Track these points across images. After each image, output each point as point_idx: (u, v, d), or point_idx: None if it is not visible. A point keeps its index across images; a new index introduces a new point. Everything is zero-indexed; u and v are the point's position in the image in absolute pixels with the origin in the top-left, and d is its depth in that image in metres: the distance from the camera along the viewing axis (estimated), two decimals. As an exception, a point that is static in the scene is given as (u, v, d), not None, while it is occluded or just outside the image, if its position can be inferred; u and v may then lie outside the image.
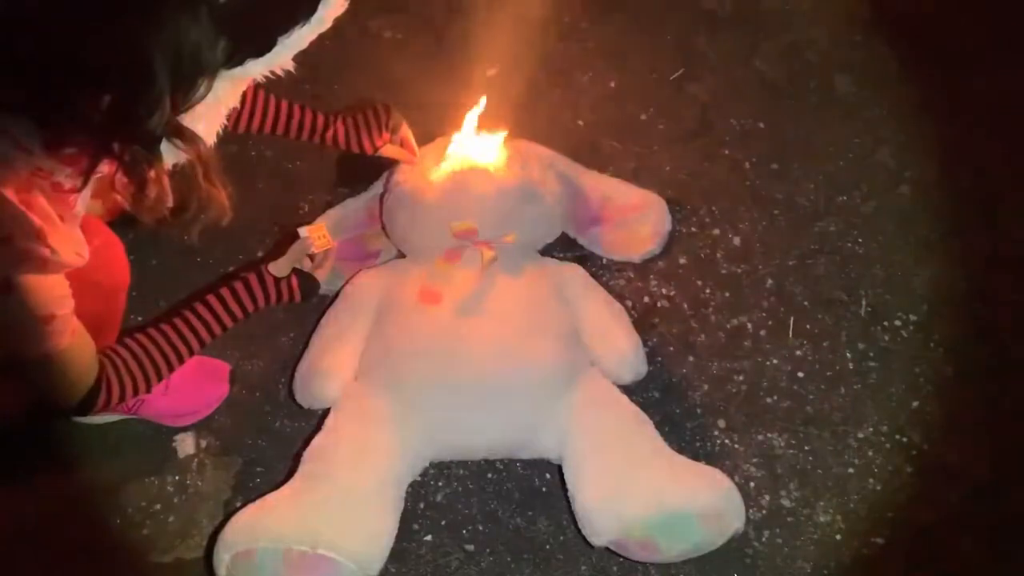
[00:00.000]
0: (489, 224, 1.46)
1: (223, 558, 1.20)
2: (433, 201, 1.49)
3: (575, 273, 1.53)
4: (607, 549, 1.33)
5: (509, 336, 1.35)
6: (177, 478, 1.49)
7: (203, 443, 1.53)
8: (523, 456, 1.42)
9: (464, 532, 1.44)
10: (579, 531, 1.34)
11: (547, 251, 1.66)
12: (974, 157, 1.89)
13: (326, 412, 1.44)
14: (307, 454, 1.31)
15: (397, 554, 1.36)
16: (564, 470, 1.35)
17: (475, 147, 1.54)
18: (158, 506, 1.47)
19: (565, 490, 1.37)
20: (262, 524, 1.21)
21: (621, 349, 1.46)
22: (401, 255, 1.61)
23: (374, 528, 1.24)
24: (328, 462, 1.28)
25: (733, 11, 2.13)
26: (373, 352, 1.40)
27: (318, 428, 1.42)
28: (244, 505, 1.33)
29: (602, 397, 1.39)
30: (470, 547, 1.43)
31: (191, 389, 1.52)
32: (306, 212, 1.77)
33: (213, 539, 1.38)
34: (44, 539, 1.43)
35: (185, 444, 1.53)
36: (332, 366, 1.41)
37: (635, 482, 1.29)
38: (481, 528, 1.44)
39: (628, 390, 1.48)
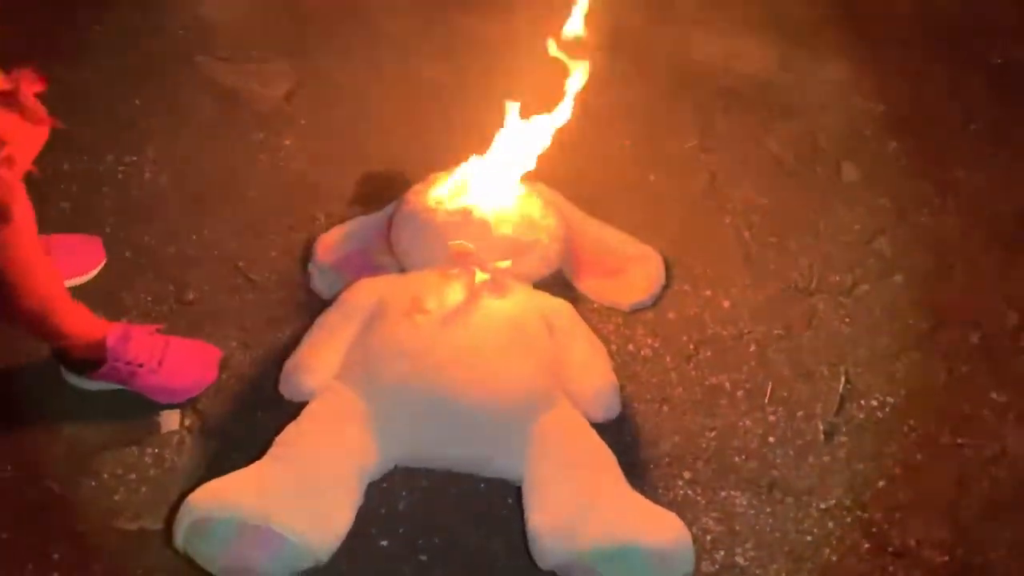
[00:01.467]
0: (486, 251, 1.51)
1: (183, 523, 1.23)
2: (438, 221, 1.55)
3: (563, 307, 1.56)
4: (553, 573, 1.33)
5: (486, 354, 1.38)
6: (156, 451, 1.52)
7: (187, 421, 1.56)
8: (485, 474, 1.44)
9: (420, 542, 1.44)
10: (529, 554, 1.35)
11: (540, 288, 1.70)
12: (967, 253, 1.92)
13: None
14: (278, 439, 1.34)
15: (351, 552, 1.36)
16: (523, 490, 1.37)
17: (491, 183, 1.61)
18: (133, 476, 1.50)
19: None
20: (221, 496, 1.23)
21: (598, 385, 1.49)
22: (402, 272, 1.67)
23: (328, 515, 1.25)
24: (294, 447, 1.31)
25: (752, 92, 2.22)
26: (355, 354, 1.44)
27: (295, 420, 1.46)
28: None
29: (571, 427, 1.41)
30: (424, 557, 1.43)
31: (182, 369, 1.56)
32: (321, 223, 1.84)
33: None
34: (16, 490, 1.47)
35: (169, 420, 1.56)
36: (314, 362, 1.45)
37: (589, 511, 1.29)
38: (437, 541, 1.45)
39: (598, 430, 1.49)
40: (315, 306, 1.66)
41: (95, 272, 1.73)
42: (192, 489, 1.45)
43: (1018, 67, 2.34)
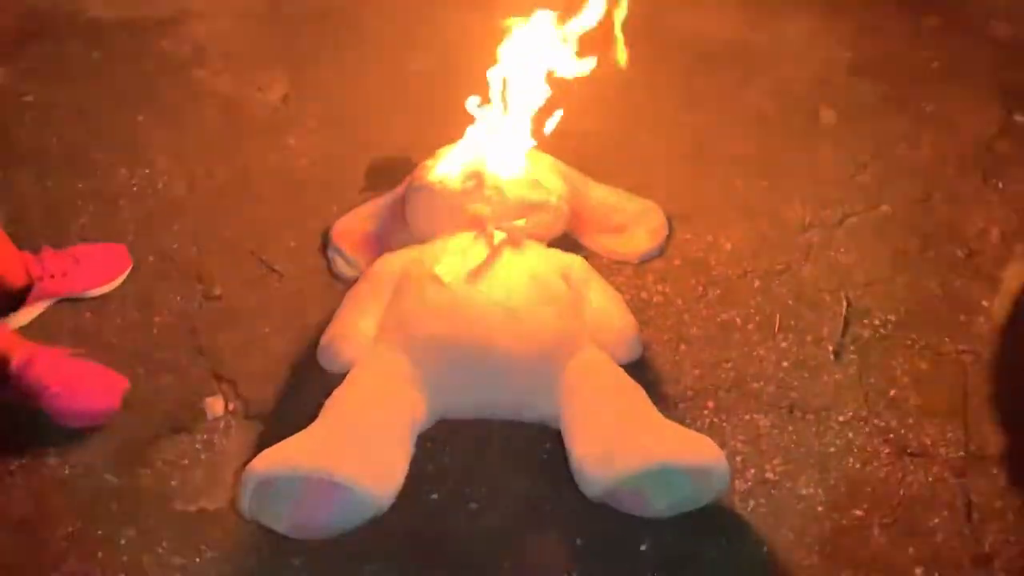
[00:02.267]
0: (500, 213, 1.58)
1: (248, 488, 1.28)
2: (451, 191, 1.62)
3: (577, 260, 1.64)
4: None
5: (513, 304, 1.45)
6: (205, 437, 1.58)
7: (231, 407, 1.62)
8: (524, 419, 1.51)
9: (468, 491, 1.49)
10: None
11: (552, 247, 1.78)
12: (945, 181, 2.02)
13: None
14: (328, 402, 1.40)
15: (403, 508, 1.42)
16: (562, 429, 1.43)
17: (496, 149, 1.68)
18: (186, 461, 1.55)
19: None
20: (282, 457, 1.29)
21: (619, 326, 1.56)
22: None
23: (385, 465, 1.31)
24: (345, 406, 1.37)
25: (725, 54, 2.31)
26: (390, 319, 1.50)
27: (338, 389, 1.51)
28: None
29: (599, 366, 1.48)
30: (473, 506, 1.49)
31: (86, 395, 1.54)
32: (334, 211, 1.90)
33: (232, 504, 1.48)
34: (76, 486, 1.51)
35: (215, 407, 1.62)
36: (350, 331, 1.52)
37: (628, 437, 1.36)
38: (485, 490, 1.50)
39: (624, 370, 1.58)
40: (339, 289, 1.73)
41: (122, 278, 1.79)
42: (244, 468, 1.52)
43: (970, 5, 2.46)
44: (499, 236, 1.54)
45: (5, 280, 1.63)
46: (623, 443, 1.36)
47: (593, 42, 1.72)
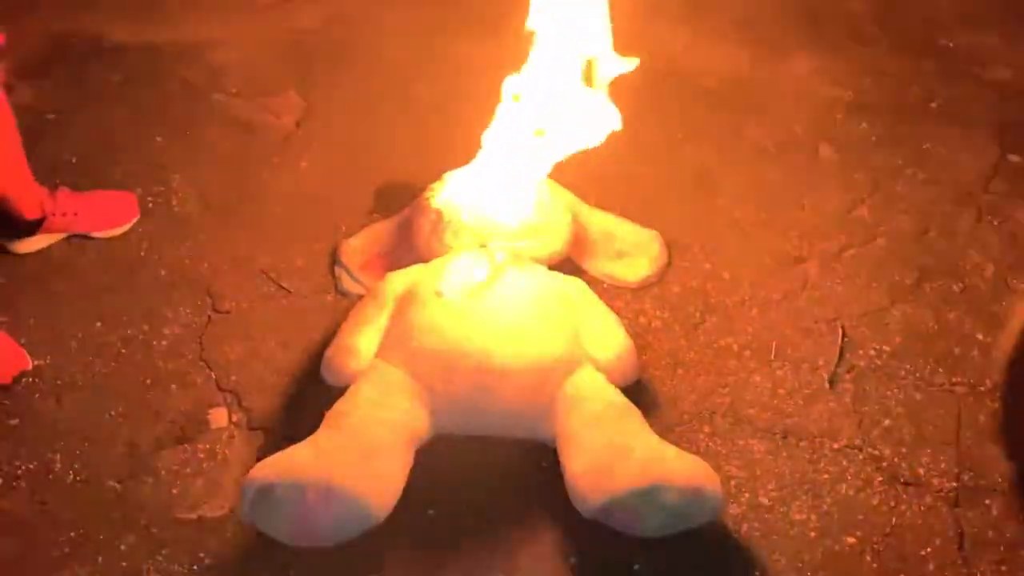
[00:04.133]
0: (504, 234, 1.62)
1: (248, 494, 1.30)
2: (457, 213, 1.66)
3: (577, 283, 1.66)
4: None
5: (513, 321, 1.48)
6: (208, 447, 1.60)
7: (235, 418, 1.64)
8: (521, 436, 1.52)
9: (465, 509, 1.51)
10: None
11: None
12: (941, 217, 2.05)
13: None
14: (329, 414, 1.42)
15: (400, 524, 1.44)
16: (557, 447, 1.45)
17: (503, 174, 1.73)
18: (188, 470, 1.57)
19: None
20: (283, 464, 1.31)
21: (617, 348, 1.58)
22: (424, 266, 1.77)
23: (384, 475, 1.33)
24: (346, 417, 1.39)
25: (729, 91, 2.36)
26: (392, 335, 1.53)
27: (340, 403, 1.54)
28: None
29: (596, 386, 1.50)
30: (469, 522, 1.50)
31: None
32: (343, 231, 1.94)
33: (232, 512, 1.50)
34: (80, 493, 1.53)
35: (218, 418, 1.64)
36: (354, 345, 1.54)
37: (622, 456, 1.38)
38: (481, 507, 1.51)
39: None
40: (345, 306, 1.76)
41: (129, 225, 1.95)
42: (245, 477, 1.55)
43: (967, 50, 2.52)
44: (501, 256, 1.57)
45: (20, 210, 1.82)
46: (618, 462, 1.37)
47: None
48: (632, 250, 1.87)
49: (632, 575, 1.45)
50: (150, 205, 2.01)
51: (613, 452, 1.39)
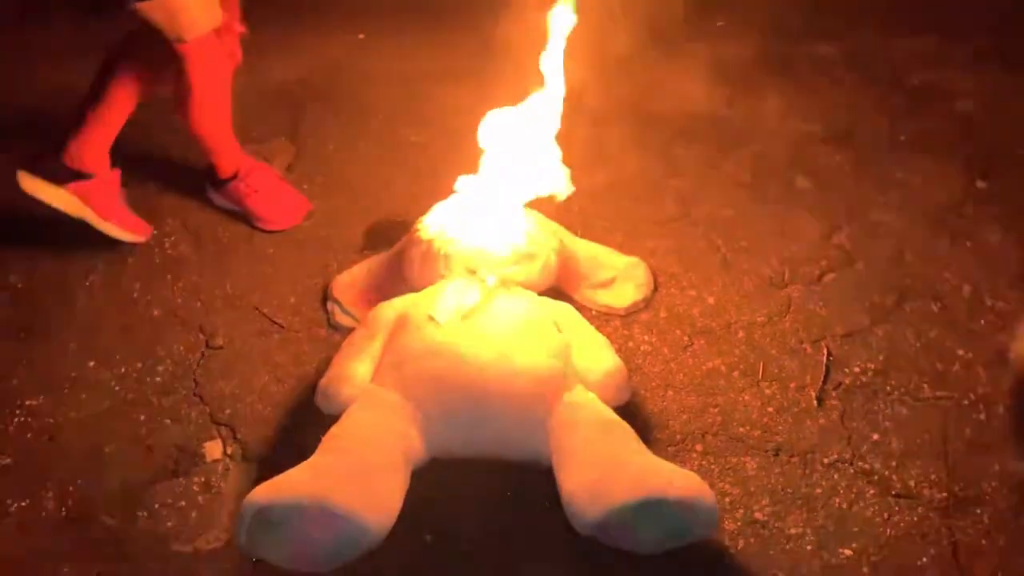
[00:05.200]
0: (493, 262, 1.66)
1: (245, 518, 1.29)
2: (447, 243, 1.70)
3: (567, 307, 1.69)
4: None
5: (505, 342, 1.50)
6: (203, 480, 1.60)
7: (229, 450, 1.64)
8: (516, 457, 1.53)
9: (462, 533, 1.51)
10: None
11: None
12: (916, 241, 2.11)
13: (342, 418, 1.57)
14: (324, 438, 1.43)
15: (398, 549, 1.43)
16: (553, 465, 1.46)
17: (492, 204, 1.78)
18: (183, 503, 1.56)
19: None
20: (279, 487, 1.30)
21: (607, 370, 1.60)
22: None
23: (381, 496, 1.33)
24: (342, 439, 1.40)
25: (706, 128, 2.45)
26: (386, 360, 1.55)
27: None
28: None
29: (588, 405, 1.52)
30: (466, 548, 1.50)
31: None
32: (334, 268, 1.97)
33: (227, 545, 1.49)
34: (74, 527, 1.52)
35: (213, 451, 1.64)
36: (349, 372, 1.56)
37: (616, 471, 1.39)
38: (477, 532, 1.52)
39: (613, 414, 1.62)
40: (338, 340, 1.78)
41: (291, 226, 2.12)
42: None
43: (931, 87, 2.62)
44: (492, 280, 1.61)
45: (218, 165, 2.09)
46: (612, 477, 1.39)
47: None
48: (619, 277, 1.92)
49: (631, 593, 1.46)
50: (143, 248, 2.04)
51: (608, 467, 1.41)
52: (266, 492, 1.31)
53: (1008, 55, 2.74)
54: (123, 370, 1.77)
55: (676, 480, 1.40)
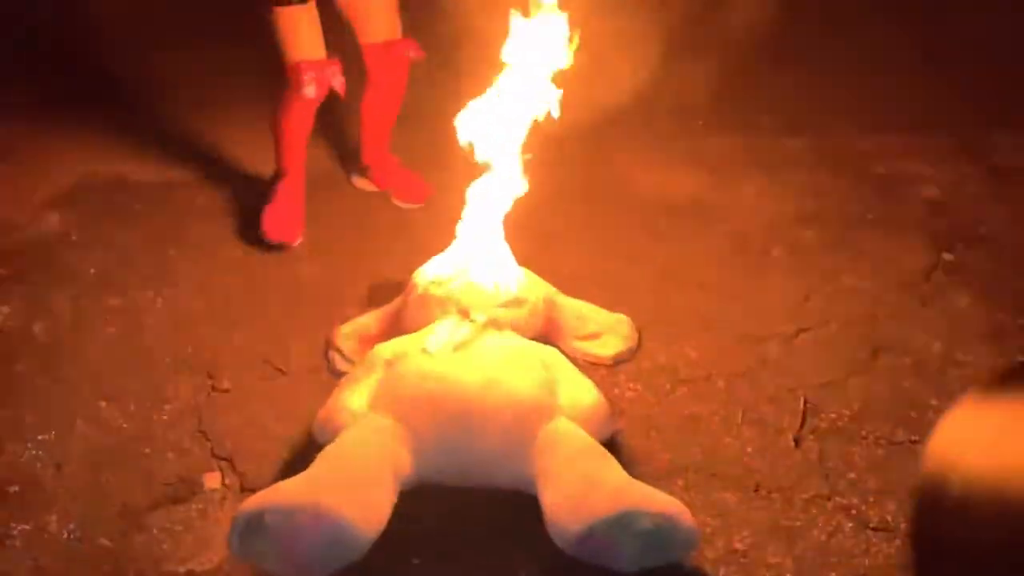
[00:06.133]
0: (484, 303, 1.77)
1: (238, 526, 1.34)
2: (441, 287, 1.82)
3: (554, 350, 1.78)
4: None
5: (495, 372, 1.59)
6: (201, 507, 1.64)
7: (227, 481, 1.69)
8: (501, 483, 1.58)
9: (449, 556, 1.54)
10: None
11: (532, 348, 1.93)
12: (888, 304, 2.21)
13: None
14: (319, 456, 1.49)
15: (388, 571, 1.47)
16: (536, 486, 1.51)
17: (485, 254, 1.90)
18: (179, 527, 1.60)
19: None
20: (272, 496, 1.36)
21: (592, 402, 1.67)
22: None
23: (370, 504, 1.38)
24: (335, 455, 1.45)
25: (688, 206, 2.61)
26: (381, 389, 1.63)
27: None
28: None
29: (571, 432, 1.58)
30: (454, 569, 1.53)
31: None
32: (336, 323, 2.09)
33: (219, 567, 1.53)
34: (71, 547, 1.56)
35: (212, 480, 1.69)
36: (345, 404, 1.62)
37: (596, 488, 1.44)
38: (465, 555, 1.55)
39: (598, 450, 1.67)
40: (335, 383, 1.86)
41: (418, 205, 2.57)
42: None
43: (897, 175, 2.79)
44: (482, 318, 1.71)
45: (364, 151, 2.60)
46: (593, 492, 1.43)
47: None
48: (605, 331, 2.01)
49: (614, 615, 1.46)
50: (158, 305, 2.16)
51: (589, 483, 1.46)
52: (259, 498, 1.37)
53: (969, 149, 2.93)
54: (131, 408, 1.85)
55: (656, 497, 1.45)
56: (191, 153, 2.82)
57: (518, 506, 1.59)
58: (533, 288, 1.90)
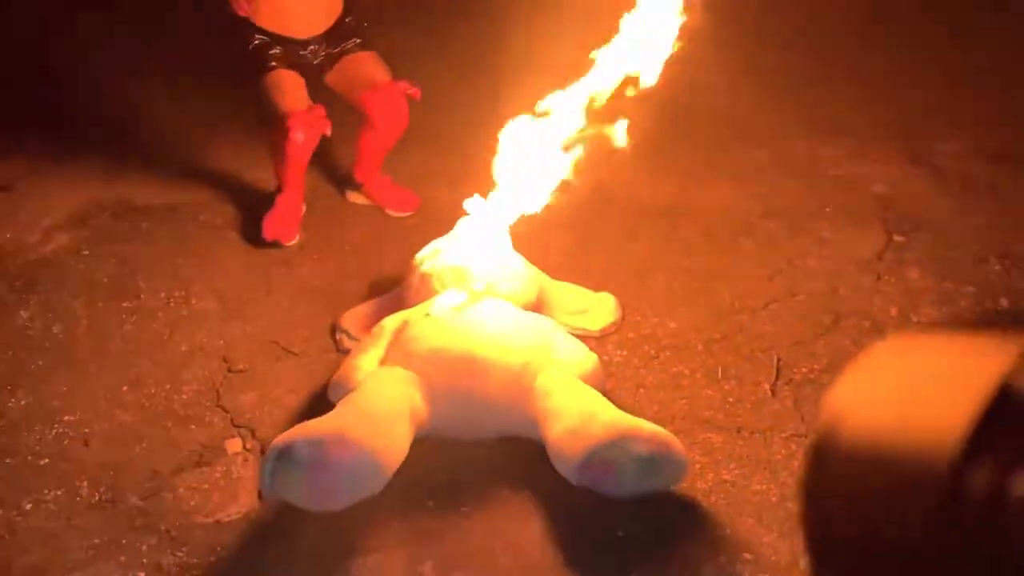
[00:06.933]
0: (483, 276, 1.92)
1: (270, 458, 1.44)
2: (443, 266, 1.96)
3: (546, 317, 1.93)
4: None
5: (494, 325, 1.73)
6: (224, 469, 1.73)
7: (248, 445, 1.79)
8: (504, 427, 1.70)
9: (462, 498, 1.65)
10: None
11: (526, 322, 2.08)
12: (847, 279, 2.39)
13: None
14: (339, 403, 1.61)
15: (403, 512, 1.58)
16: (539, 425, 1.63)
17: (483, 235, 2.05)
18: (206, 486, 1.69)
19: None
20: (301, 430, 1.47)
21: (586, 356, 1.82)
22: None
23: (390, 439, 1.49)
24: (355, 398, 1.57)
25: (661, 211, 2.80)
26: (391, 349, 1.75)
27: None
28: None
29: (566, 376, 1.72)
30: (466, 509, 1.63)
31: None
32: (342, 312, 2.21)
33: (246, 516, 1.63)
34: (105, 507, 1.64)
35: (233, 446, 1.79)
36: (358, 364, 1.75)
37: (593, 418, 1.57)
38: (476, 497, 1.66)
39: (592, 404, 1.80)
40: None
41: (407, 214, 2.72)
42: (255, 493, 1.68)
43: (849, 176, 3.00)
44: (480, 286, 1.85)
45: (358, 172, 2.73)
46: (591, 423, 1.57)
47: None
48: (591, 307, 2.16)
49: (617, 541, 1.57)
50: (171, 304, 2.27)
51: (586, 418, 1.59)
52: (289, 433, 1.48)
53: (914, 155, 3.17)
54: (152, 391, 1.94)
55: (648, 426, 1.59)
56: (193, 177, 2.96)
57: (522, 456, 1.71)
58: (526, 265, 2.05)
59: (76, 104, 3.42)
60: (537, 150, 2.02)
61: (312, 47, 2.50)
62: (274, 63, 2.43)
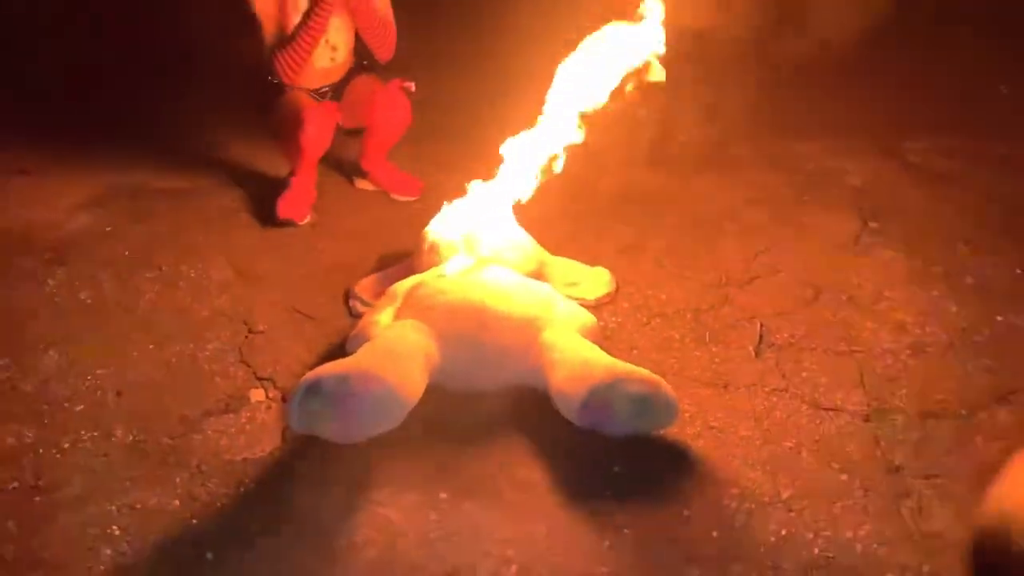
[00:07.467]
0: (488, 244, 2.05)
1: (298, 392, 1.56)
2: (451, 234, 2.09)
3: (547, 284, 2.07)
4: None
5: (499, 286, 1.86)
6: (249, 415, 1.85)
7: (271, 394, 1.91)
8: (510, 376, 1.82)
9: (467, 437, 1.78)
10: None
11: (527, 290, 2.21)
12: (825, 259, 2.54)
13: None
14: (360, 349, 1.73)
15: (410, 454, 1.70)
16: (543, 372, 1.76)
17: (488, 208, 2.19)
18: (233, 429, 1.81)
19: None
20: (327, 367, 1.59)
21: (586, 315, 1.96)
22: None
23: (408, 376, 1.62)
24: (374, 343, 1.70)
25: (646, 200, 2.95)
26: (405, 306, 1.88)
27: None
28: (297, 434, 1.72)
29: (570, 332, 1.85)
30: (471, 449, 1.76)
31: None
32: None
33: (271, 453, 1.74)
34: (140, 448, 1.75)
35: (257, 395, 1.90)
36: (374, 320, 1.87)
37: (592, 364, 1.70)
38: (486, 438, 1.79)
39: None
40: (358, 325, 2.11)
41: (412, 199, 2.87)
42: (278, 437, 1.80)
43: (825, 169, 3.17)
44: (486, 251, 1.99)
45: (364, 160, 2.89)
46: (590, 366, 1.70)
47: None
48: (587, 279, 2.30)
49: (613, 476, 1.70)
50: (192, 275, 2.38)
51: (585, 363, 1.72)
52: (316, 370, 1.60)
53: (886, 151, 3.35)
54: (178, 348, 2.05)
55: (642, 370, 1.72)
56: (208, 163, 3.08)
57: (528, 405, 1.84)
58: (528, 238, 2.19)
59: (96, 98, 3.56)
60: (533, 144, 2.18)
61: (323, 90, 2.75)
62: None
